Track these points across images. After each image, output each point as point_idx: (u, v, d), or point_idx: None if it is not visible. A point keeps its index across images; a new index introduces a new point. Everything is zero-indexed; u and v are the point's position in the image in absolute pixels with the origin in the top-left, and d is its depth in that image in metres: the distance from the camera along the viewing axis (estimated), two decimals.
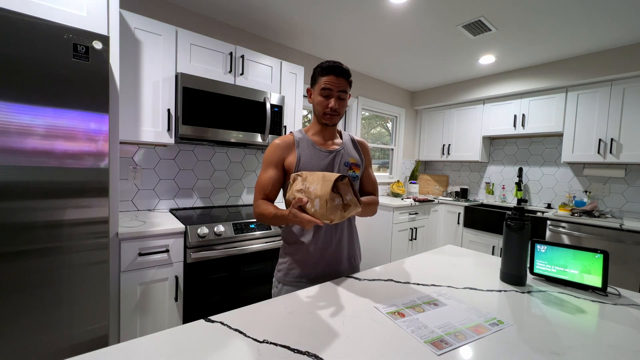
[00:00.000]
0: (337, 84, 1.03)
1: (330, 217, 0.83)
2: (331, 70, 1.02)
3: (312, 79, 1.09)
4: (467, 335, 0.68)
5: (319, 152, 1.08)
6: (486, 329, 0.71)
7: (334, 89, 1.02)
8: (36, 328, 1.16)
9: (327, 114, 1.05)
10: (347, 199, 0.89)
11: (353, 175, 1.11)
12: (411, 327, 0.70)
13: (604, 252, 0.92)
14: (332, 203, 0.83)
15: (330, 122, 1.07)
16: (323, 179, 0.86)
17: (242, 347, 0.60)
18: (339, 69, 1.02)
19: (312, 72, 1.09)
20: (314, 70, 1.07)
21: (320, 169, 1.06)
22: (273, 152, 1.07)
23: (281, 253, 1.13)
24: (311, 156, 1.07)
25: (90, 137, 1.23)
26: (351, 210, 0.88)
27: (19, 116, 1.09)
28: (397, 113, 4.00)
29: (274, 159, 1.06)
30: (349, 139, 1.18)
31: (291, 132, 1.13)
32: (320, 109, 1.05)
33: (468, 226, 3.28)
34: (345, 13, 2.17)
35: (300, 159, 1.05)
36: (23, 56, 1.08)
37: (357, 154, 1.17)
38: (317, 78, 1.05)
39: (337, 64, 1.03)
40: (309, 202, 0.86)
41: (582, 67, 2.71)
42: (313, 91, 1.08)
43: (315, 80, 1.06)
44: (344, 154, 1.12)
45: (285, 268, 1.09)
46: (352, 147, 1.17)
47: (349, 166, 1.11)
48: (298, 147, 1.07)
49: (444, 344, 0.64)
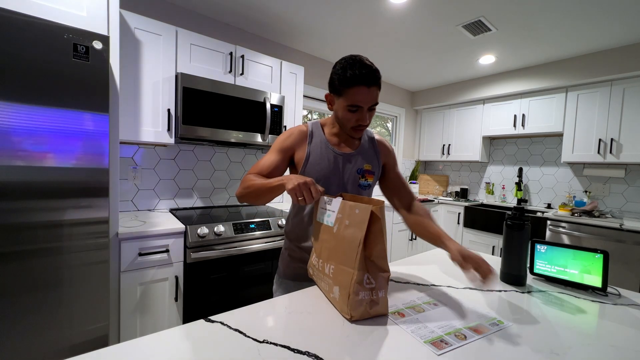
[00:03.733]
0: (369, 98, 0.84)
1: (350, 313, 0.69)
2: (361, 80, 0.82)
3: (333, 85, 0.89)
4: (468, 335, 0.68)
5: (330, 153, 0.97)
6: (486, 329, 0.71)
7: (364, 106, 0.85)
8: (36, 328, 1.16)
9: (355, 129, 0.92)
10: (379, 296, 0.72)
11: (364, 184, 0.99)
12: (411, 327, 0.70)
13: (604, 252, 0.92)
14: (356, 297, 0.69)
15: (358, 135, 0.95)
16: (342, 263, 0.72)
17: (242, 347, 0.60)
18: (371, 78, 0.82)
19: (332, 75, 0.88)
20: (336, 74, 0.86)
21: (329, 172, 0.96)
22: (286, 139, 0.97)
23: (282, 251, 1.11)
24: (321, 156, 0.96)
25: (90, 137, 1.23)
26: (378, 310, 0.72)
27: (19, 116, 1.09)
28: (397, 113, 4.00)
29: (284, 145, 0.96)
30: (367, 140, 1.04)
31: (306, 123, 1.01)
32: (347, 124, 0.91)
33: (468, 226, 3.28)
34: (345, 13, 2.17)
35: (309, 158, 0.95)
36: (23, 56, 1.08)
37: (375, 157, 1.04)
38: (343, 90, 0.85)
39: (368, 70, 0.82)
40: (327, 286, 0.76)
41: (582, 67, 2.71)
42: (335, 100, 0.91)
43: (339, 90, 0.87)
44: (359, 159, 0.99)
45: (284, 263, 1.07)
46: (370, 149, 1.04)
47: (361, 174, 0.99)
48: (310, 144, 0.96)
49: (444, 344, 0.64)
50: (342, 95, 0.87)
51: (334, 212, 0.78)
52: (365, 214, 0.70)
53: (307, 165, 0.96)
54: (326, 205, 0.82)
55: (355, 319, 0.70)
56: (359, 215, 0.71)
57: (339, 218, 0.76)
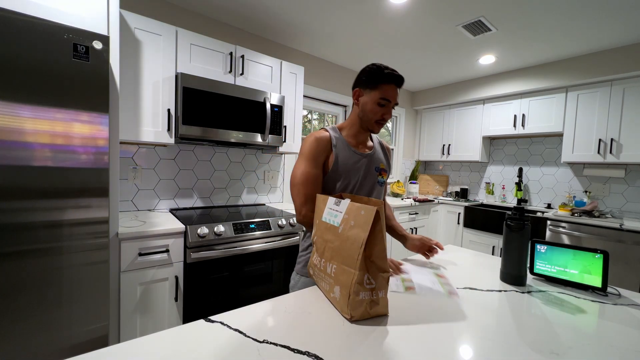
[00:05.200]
0: (396, 96, 1.01)
1: (350, 313, 0.70)
2: (394, 79, 0.98)
3: (365, 81, 1.01)
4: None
5: (354, 154, 1.05)
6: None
7: (392, 101, 1.00)
8: (36, 328, 1.16)
9: (379, 123, 1.03)
10: (379, 296, 0.73)
11: (381, 181, 1.10)
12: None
13: (604, 252, 0.92)
14: (356, 298, 0.70)
15: (378, 130, 1.06)
16: (344, 263, 0.73)
17: (242, 347, 0.60)
18: (401, 80, 0.99)
19: (365, 73, 1.02)
20: (372, 71, 1.00)
21: (355, 171, 1.04)
22: (316, 147, 1.01)
23: (302, 246, 1.11)
24: (348, 157, 1.04)
25: (90, 137, 1.23)
26: (378, 310, 0.73)
27: (19, 116, 1.09)
28: (397, 113, 4.00)
29: (317, 154, 1.00)
30: (378, 143, 1.17)
31: (324, 129, 1.07)
32: (373, 117, 1.02)
33: (468, 226, 3.28)
34: (345, 13, 2.17)
35: (337, 160, 1.02)
36: (23, 56, 1.08)
37: (385, 158, 1.16)
38: (376, 85, 0.99)
39: (399, 74, 0.99)
40: (328, 286, 0.78)
41: (582, 67, 2.71)
42: (365, 94, 1.02)
43: (373, 85, 0.99)
44: (376, 158, 1.10)
45: (304, 261, 1.07)
46: (381, 150, 1.16)
47: (379, 171, 1.09)
48: (335, 147, 1.03)
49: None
50: (375, 89, 0.99)
51: (341, 213, 0.79)
52: (369, 215, 0.70)
53: (337, 167, 1.02)
54: (334, 206, 0.83)
55: (355, 319, 0.70)
56: (363, 216, 0.71)
57: (345, 219, 0.77)
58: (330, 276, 0.78)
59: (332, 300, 0.78)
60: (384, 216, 0.73)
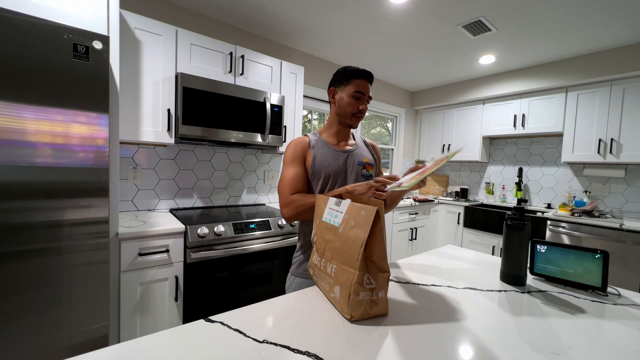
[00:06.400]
0: (368, 90, 1.09)
1: (350, 313, 0.70)
2: (364, 75, 1.08)
3: (338, 81, 1.11)
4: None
5: (333, 152, 1.11)
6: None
7: (365, 93, 1.08)
8: (36, 328, 1.16)
9: (356, 116, 1.09)
10: (379, 296, 0.73)
11: (367, 174, 1.13)
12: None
13: (604, 252, 0.92)
14: (356, 298, 0.70)
15: (356, 123, 1.12)
16: (344, 263, 0.73)
17: (242, 347, 0.60)
18: (370, 76, 1.09)
19: (337, 73, 1.11)
20: (342, 72, 1.10)
21: (336, 167, 1.08)
22: (294, 149, 1.09)
23: (297, 247, 1.15)
24: (326, 155, 1.09)
25: (90, 137, 1.23)
26: (378, 310, 0.73)
27: (19, 116, 1.09)
28: (397, 113, 4.00)
29: (296, 155, 1.08)
30: (361, 140, 1.23)
31: (305, 135, 1.15)
32: (350, 110, 1.09)
33: (468, 226, 3.28)
34: (345, 13, 2.17)
35: (315, 159, 1.08)
36: (23, 56, 1.08)
37: (370, 152, 1.20)
38: (348, 80, 1.08)
39: (368, 71, 1.08)
40: (328, 286, 0.78)
41: (582, 67, 2.71)
42: (339, 92, 1.10)
43: (345, 82, 1.09)
44: (358, 153, 1.15)
45: (298, 261, 1.11)
46: (364, 147, 1.21)
47: (362, 165, 1.13)
48: (313, 148, 1.10)
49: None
50: (349, 84, 1.08)
51: (342, 213, 0.79)
52: (370, 215, 0.70)
53: (315, 165, 1.07)
54: (335, 206, 0.83)
55: (355, 319, 0.70)
56: (364, 216, 0.71)
57: (346, 219, 0.77)
58: (331, 276, 0.78)
59: (332, 300, 0.78)
60: (384, 215, 0.73)
